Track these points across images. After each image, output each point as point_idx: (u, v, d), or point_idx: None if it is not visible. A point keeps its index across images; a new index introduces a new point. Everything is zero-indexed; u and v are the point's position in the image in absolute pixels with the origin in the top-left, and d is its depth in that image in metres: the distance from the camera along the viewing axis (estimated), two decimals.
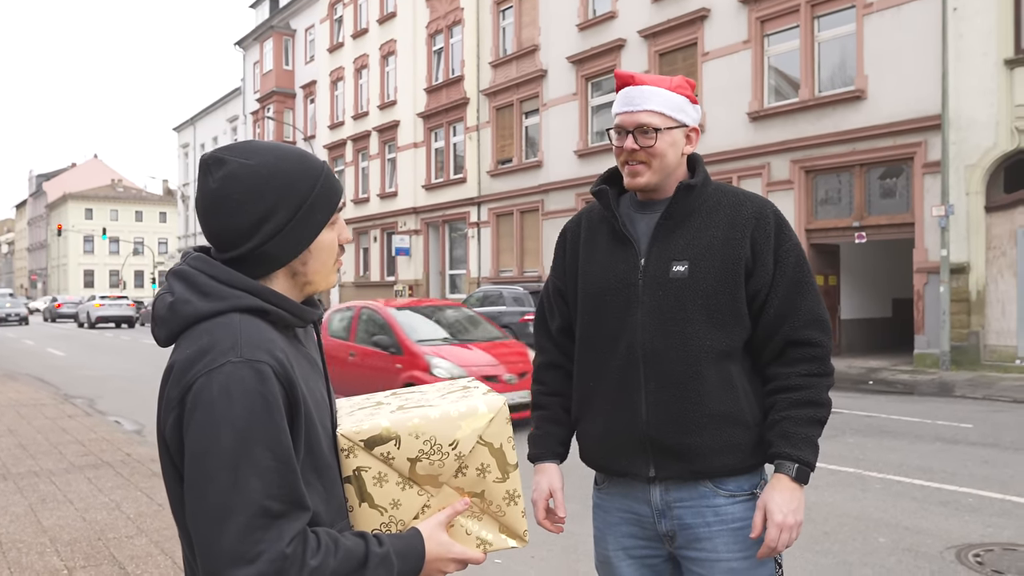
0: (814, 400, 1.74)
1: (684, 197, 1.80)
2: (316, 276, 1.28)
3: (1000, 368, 12.38)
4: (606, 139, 19.97)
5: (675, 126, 1.80)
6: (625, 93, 1.82)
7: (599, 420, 1.85)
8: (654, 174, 1.80)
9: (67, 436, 8.23)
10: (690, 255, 1.77)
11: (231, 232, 1.19)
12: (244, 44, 39.52)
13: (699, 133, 1.88)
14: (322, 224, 1.24)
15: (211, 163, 1.20)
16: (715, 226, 1.79)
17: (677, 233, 1.80)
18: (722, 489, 1.78)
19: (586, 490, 5.63)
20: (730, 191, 1.85)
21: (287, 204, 1.20)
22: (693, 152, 1.89)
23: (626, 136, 1.80)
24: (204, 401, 1.08)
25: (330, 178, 1.26)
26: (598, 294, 1.85)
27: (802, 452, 1.71)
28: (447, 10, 25.39)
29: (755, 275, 1.77)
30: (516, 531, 1.35)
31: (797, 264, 1.79)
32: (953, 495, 5.39)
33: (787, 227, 1.82)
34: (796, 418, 1.72)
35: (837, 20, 15.08)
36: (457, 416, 1.27)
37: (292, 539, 1.07)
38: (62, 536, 4.79)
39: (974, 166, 12.89)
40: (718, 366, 1.75)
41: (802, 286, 1.78)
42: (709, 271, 1.75)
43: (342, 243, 1.31)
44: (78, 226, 74.20)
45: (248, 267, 1.21)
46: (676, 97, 1.81)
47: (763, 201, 1.84)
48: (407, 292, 26.13)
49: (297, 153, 1.25)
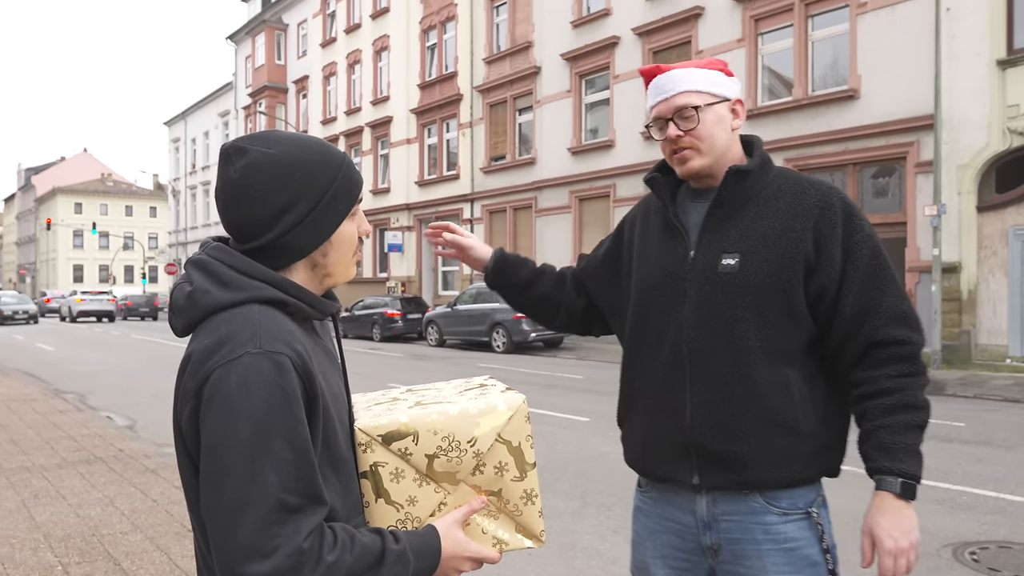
0: (910, 403, 1.55)
1: (736, 183, 1.66)
2: (336, 268, 1.27)
3: (991, 367, 12.46)
4: (599, 136, 20.03)
5: (716, 100, 1.66)
6: (655, 84, 1.71)
7: (643, 422, 1.75)
8: (705, 156, 1.66)
9: (59, 431, 8.17)
10: (742, 247, 1.63)
11: (252, 222, 1.17)
12: (236, 38, 39.30)
13: (744, 105, 1.73)
14: (343, 215, 1.23)
15: (232, 152, 1.18)
16: (772, 216, 1.64)
17: (729, 223, 1.66)
18: (774, 505, 1.63)
19: (583, 487, 5.71)
20: (794, 178, 1.69)
21: (309, 194, 1.18)
22: (753, 136, 1.76)
23: (667, 125, 1.68)
24: (222, 392, 1.06)
25: (351, 169, 1.24)
26: (648, 288, 1.75)
27: (905, 464, 1.52)
28: (441, 6, 25.33)
29: (819, 271, 1.60)
30: (533, 531, 1.33)
31: (872, 256, 1.60)
32: (948, 493, 5.41)
33: (857, 217, 1.64)
34: (892, 426, 1.54)
35: (831, 19, 15.13)
36: (476, 413, 1.26)
37: (309, 534, 1.06)
38: (56, 532, 4.76)
39: (966, 166, 12.95)
40: (771, 369, 1.60)
41: (880, 280, 1.60)
42: (761, 265, 1.61)
43: (362, 235, 1.29)
44: (67, 220, 73.66)
45: (268, 258, 1.19)
46: (709, 73, 1.68)
47: (829, 189, 1.67)
48: (400, 289, 26.08)
49: (318, 143, 1.23)
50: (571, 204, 20.62)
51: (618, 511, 5.13)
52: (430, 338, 19.97)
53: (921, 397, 1.57)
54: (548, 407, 9.59)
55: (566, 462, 6.61)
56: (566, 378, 12.68)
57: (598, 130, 20.27)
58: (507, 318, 17.32)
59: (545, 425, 8.40)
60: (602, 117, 20.12)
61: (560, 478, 6.08)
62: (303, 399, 1.10)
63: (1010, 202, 12.65)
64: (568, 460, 6.68)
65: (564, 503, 5.41)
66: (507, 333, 17.35)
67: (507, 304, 2.09)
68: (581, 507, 5.30)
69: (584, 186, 20.24)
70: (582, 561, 4.33)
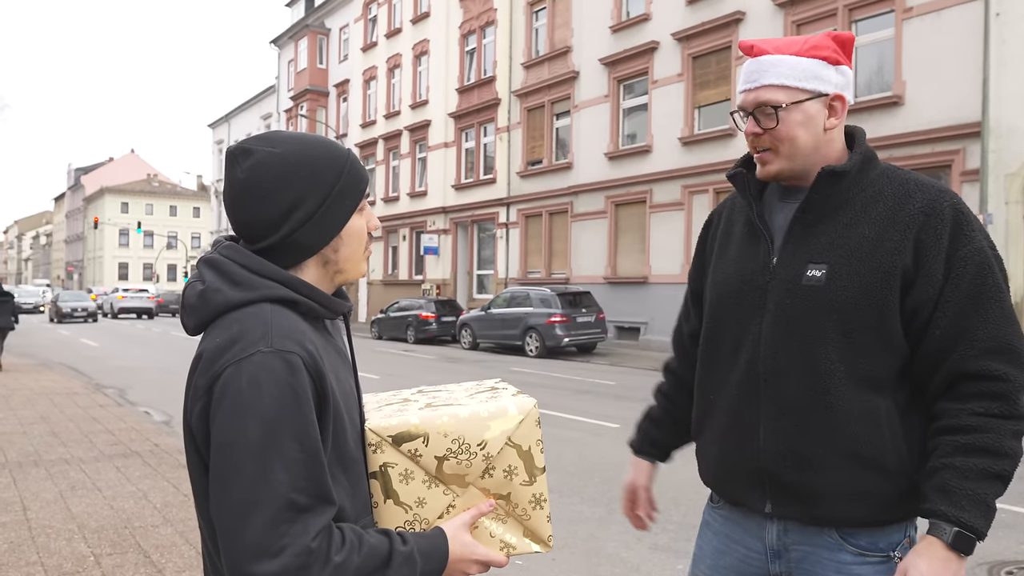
0: (991, 447, 1.35)
1: (827, 185, 1.48)
2: (347, 264, 1.27)
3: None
4: (637, 142, 19.92)
5: (806, 98, 1.48)
6: (744, 68, 1.55)
7: (715, 440, 1.63)
8: (785, 160, 1.51)
9: (98, 425, 8.37)
10: (831, 257, 1.46)
11: (261, 222, 1.18)
12: (279, 42, 39.93)
13: (845, 101, 1.52)
14: (351, 209, 1.23)
15: (238, 153, 1.19)
16: (869, 223, 1.45)
17: (819, 229, 1.49)
18: (850, 543, 1.48)
19: (610, 494, 5.67)
20: (900, 178, 1.49)
21: (316, 191, 1.18)
22: (856, 128, 1.57)
23: (748, 118, 1.53)
24: (233, 391, 1.06)
25: (356, 163, 1.25)
26: (724, 295, 1.62)
27: (966, 513, 1.33)
28: (480, 10, 25.44)
29: (917, 286, 1.41)
30: (541, 536, 1.32)
31: (979, 274, 1.40)
32: None
33: (969, 227, 1.42)
34: (963, 468, 1.35)
35: (876, 24, 14.86)
36: (487, 416, 1.26)
37: (317, 533, 1.06)
38: (90, 523, 4.86)
39: (1014, 175, 12.61)
40: (858, 396, 1.43)
41: (983, 302, 1.40)
42: (852, 279, 1.43)
43: (370, 230, 1.30)
44: (114, 219, 75.47)
45: (279, 257, 1.20)
46: (805, 62, 1.48)
47: (939, 192, 1.45)
48: (434, 292, 26.21)
49: (321, 140, 1.24)
50: (607, 209, 20.53)
51: None
52: (463, 341, 20.03)
53: (1008, 444, 1.36)
54: (579, 412, 9.55)
55: (594, 468, 6.57)
56: (598, 384, 12.62)
57: (635, 135, 20.16)
58: (540, 322, 17.30)
59: (575, 431, 8.36)
60: (640, 122, 20.01)
61: (588, 484, 6.04)
62: (313, 398, 1.11)
63: None
64: (596, 466, 6.64)
65: (590, 509, 5.37)
66: (540, 337, 17.32)
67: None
68: (607, 514, 5.26)
69: (620, 191, 20.14)
70: (605, 568, 4.29)
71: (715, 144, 17.57)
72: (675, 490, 5.36)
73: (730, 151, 17.05)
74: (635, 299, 19.38)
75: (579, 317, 17.33)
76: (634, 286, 19.51)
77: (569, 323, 17.11)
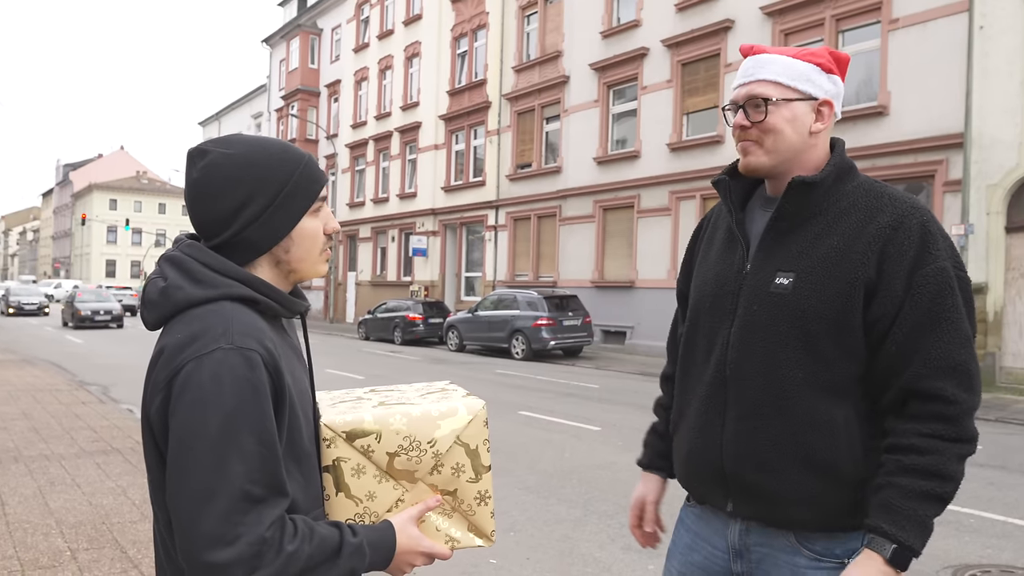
0: (935, 470, 1.37)
1: (799, 194, 1.51)
2: (301, 264, 1.30)
3: (1016, 391, 12.24)
4: (626, 147, 20.02)
5: (796, 98, 1.52)
6: (743, 64, 1.59)
7: (685, 439, 1.68)
8: (767, 154, 1.54)
9: (79, 422, 8.36)
10: (799, 266, 1.49)
11: (213, 220, 1.23)
12: (271, 42, 39.88)
13: (833, 108, 1.55)
14: (301, 211, 1.27)
15: (195, 154, 1.24)
16: (839, 233, 1.48)
17: (790, 238, 1.53)
18: (806, 547, 1.51)
19: (587, 495, 5.75)
20: (875, 192, 1.51)
21: (265, 191, 1.23)
22: (837, 139, 1.60)
23: (738, 112, 1.57)
24: (193, 385, 1.10)
25: (311, 168, 1.28)
26: (701, 299, 1.67)
27: (904, 532, 1.36)
28: (472, 14, 25.50)
29: (877, 299, 1.43)
30: (484, 531, 1.38)
31: (939, 293, 1.41)
32: (955, 515, 5.35)
33: (935, 245, 1.43)
34: (906, 488, 1.38)
35: (862, 35, 15.01)
36: (437, 416, 1.32)
37: (271, 524, 1.10)
38: (68, 519, 4.88)
39: (995, 186, 12.76)
40: (817, 404, 1.46)
41: (940, 322, 1.40)
42: (816, 288, 1.46)
43: (328, 232, 1.33)
44: (102, 216, 75.06)
45: (232, 254, 1.24)
46: (800, 64, 1.53)
47: (910, 208, 1.46)
48: (422, 293, 26.22)
49: (279, 144, 1.28)
50: (595, 214, 20.62)
51: (620, 519, 5.14)
52: (450, 343, 20.05)
53: (951, 467, 1.38)
54: (561, 415, 9.60)
55: (572, 470, 6.63)
56: (582, 387, 12.68)
57: (625, 140, 20.26)
58: (527, 325, 17.35)
59: (556, 433, 8.41)
60: (629, 128, 20.11)
61: (565, 485, 6.10)
62: (271, 394, 1.15)
63: None
64: (575, 468, 6.69)
65: (567, 510, 5.43)
66: (527, 340, 17.37)
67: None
68: (583, 515, 5.32)
69: (609, 196, 20.23)
70: (578, 568, 4.35)
71: (703, 151, 17.69)
72: None
73: (717, 158, 17.17)
74: (622, 303, 19.47)
75: (565, 320, 17.39)
76: (621, 290, 19.60)
77: (555, 326, 17.17)
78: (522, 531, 5.00)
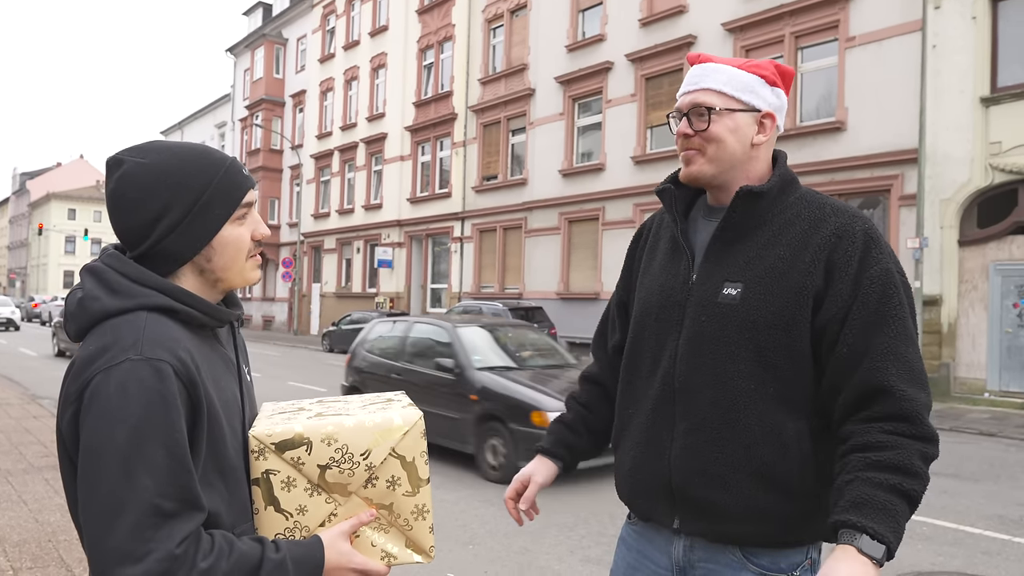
0: (900, 465, 1.32)
1: (745, 204, 1.51)
2: (226, 273, 1.27)
3: (969, 400, 12.51)
4: (591, 160, 20.16)
5: (739, 108, 1.52)
6: (688, 73, 1.58)
7: (629, 455, 1.63)
8: (709, 163, 1.53)
9: (29, 436, 8.13)
10: (747, 276, 1.48)
11: (131, 231, 1.20)
12: (235, 51, 39.52)
13: (775, 120, 1.56)
14: (221, 219, 1.24)
15: (111, 164, 1.21)
16: (785, 243, 1.48)
17: (736, 248, 1.52)
18: (752, 562, 1.49)
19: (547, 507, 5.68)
20: (817, 202, 1.52)
21: (181, 201, 1.20)
22: (780, 152, 1.61)
23: (682, 119, 1.56)
24: (101, 397, 1.07)
25: (232, 173, 1.25)
26: (646, 311, 1.63)
27: (873, 522, 1.27)
28: (439, 26, 25.54)
29: (826, 305, 1.43)
30: (422, 546, 1.33)
31: (884, 295, 1.41)
32: (909, 524, 5.42)
33: (878, 250, 1.45)
34: (873, 480, 1.31)
35: (820, 52, 15.32)
36: (371, 426, 1.27)
37: (183, 540, 1.07)
38: (12, 536, 4.73)
39: (949, 200, 13.08)
40: (766, 416, 1.44)
41: (887, 321, 1.40)
42: (765, 298, 1.45)
43: (256, 239, 1.29)
44: (60, 226, 73.50)
45: (155, 264, 1.22)
46: (744, 75, 1.53)
47: (853, 217, 1.48)
48: (388, 305, 26.06)
49: (198, 150, 1.25)
50: (560, 226, 20.71)
51: (579, 531, 5.13)
52: None
53: (917, 464, 1.33)
54: None
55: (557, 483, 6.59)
56: None
57: (590, 153, 20.41)
58: None
59: None
60: (594, 141, 20.26)
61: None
62: (186, 406, 1.12)
63: (991, 237, 12.76)
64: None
65: (526, 522, 5.39)
66: None
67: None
68: (542, 528, 5.30)
69: (574, 208, 20.33)
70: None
71: (666, 164, 17.87)
72: (613, 504, 5.42)
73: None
74: (587, 315, 19.53)
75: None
76: (586, 302, 19.67)
77: None
78: (481, 544, 4.96)
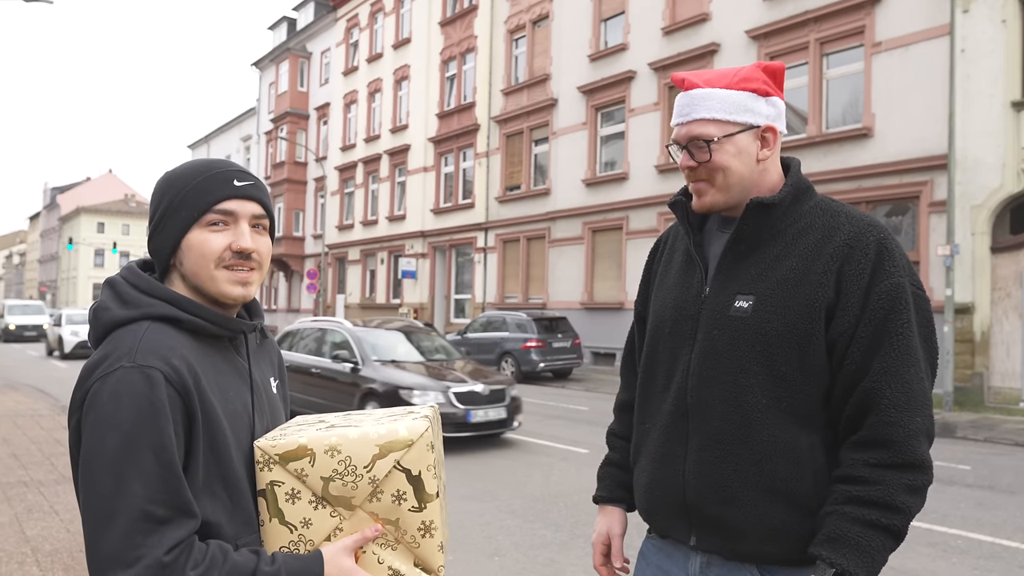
0: (881, 501, 1.32)
1: (756, 216, 1.48)
2: (196, 278, 1.27)
3: (1004, 410, 12.25)
4: (614, 169, 20.12)
5: (738, 130, 1.49)
6: (677, 101, 1.56)
7: (646, 470, 1.60)
8: (720, 192, 1.51)
9: (60, 448, 8.23)
10: (759, 289, 1.45)
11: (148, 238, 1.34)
12: (261, 65, 40.03)
13: (777, 132, 1.52)
14: (187, 221, 1.26)
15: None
16: (797, 255, 1.45)
17: (749, 260, 1.49)
18: None
19: (573, 518, 5.67)
20: (832, 211, 1.49)
21: (162, 203, 1.28)
22: (792, 159, 1.58)
23: (682, 151, 1.54)
24: (96, 404, 1.11)
25: (209, 181, 1.27)
26: (660, 324, 1.61)
27: (844, 559, 1.30)
28: (461, 37, 25.69)
29: (836, 319, 1.40)
30: (431, 565, 1.27)
31: (891, 311, 1.37)
32: (943, 537, 5.31)
33: (891, 262, 1.41)
34: (850, 516, 1.33)
35: (846, 58, 15.18)
36: (375, 438, 1.23)
37: (174, 547, 1.08)
38: (44, 547, 4.78)
39: (980, 206, 12.87)
40: (780, 431, 1.41)
41: (889, 339, 1.37)
42: (777, 311, 1.42)
43: (235, 249, 1.26)
44: (89, 239, 74.74)
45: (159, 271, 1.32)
46: (736, 95, 1.49)
47: (867, 226, 1.44)
48: (411, 315, 26.14)
49: (201, 161, 1.32)
50: (584, 235, 20.66)
51: None
52: None
53: (899, 498, 1.32)
54: (549, 438, 9.54)
55: (560, 493, 6.56)
56: (571, 409, 12.61)
57: (613, 163, 20.37)
58: (516, 347, 17.29)
59: (543, 456, 8.35)
60: (617, 150, 20.23)
61: (551, 509, 6.03)
62: (180, 414, 1.13)
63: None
64: (562, 491, 6.63)
65: (553, 534, 5.36)
66: (516, 362, 17.30)
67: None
68: (569, 539, 5.25)
69: (597, 218, 20.29)
70: None
71: None
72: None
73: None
74: (611, 325, 19.45)
75: (555, 342, 17.34)
76: (610, 312, 19.59)
77: (545, 348, 17.12)
78: (507, 555, 4.93)
